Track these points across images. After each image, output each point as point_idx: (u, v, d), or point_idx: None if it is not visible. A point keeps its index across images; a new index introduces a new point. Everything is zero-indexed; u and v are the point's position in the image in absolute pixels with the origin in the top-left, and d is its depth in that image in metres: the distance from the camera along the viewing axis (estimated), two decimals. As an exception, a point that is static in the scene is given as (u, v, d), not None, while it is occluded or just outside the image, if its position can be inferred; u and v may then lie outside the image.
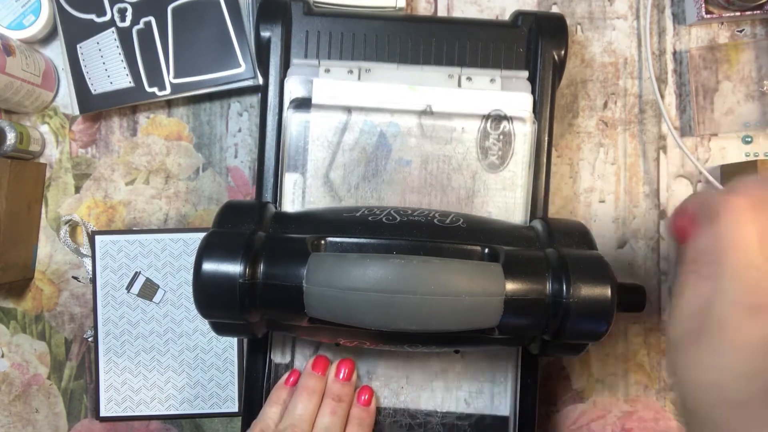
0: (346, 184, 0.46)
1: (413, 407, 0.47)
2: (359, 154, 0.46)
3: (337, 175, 0.46)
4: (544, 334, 0.39)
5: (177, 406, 0.55)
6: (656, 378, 0.56)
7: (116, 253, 0.55)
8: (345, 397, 0.46)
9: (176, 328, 0.55)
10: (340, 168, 0.46)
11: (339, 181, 0.46)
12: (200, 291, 0.37)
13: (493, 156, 0.46)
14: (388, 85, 0.46)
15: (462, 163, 0.46)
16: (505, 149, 0.46)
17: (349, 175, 0.46)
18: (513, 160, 0.46)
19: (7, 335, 0.56)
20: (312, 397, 0.45)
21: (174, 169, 0.57)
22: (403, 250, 0.39)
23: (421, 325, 0.36)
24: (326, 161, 0.46)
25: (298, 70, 0.47)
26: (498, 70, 0.48)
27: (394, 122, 0.46)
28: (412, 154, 0.46)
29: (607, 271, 0.38)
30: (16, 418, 0.56)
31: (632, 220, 0.57)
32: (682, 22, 0.57)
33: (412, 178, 0.46)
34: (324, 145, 0.46)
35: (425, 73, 0.47)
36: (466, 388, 0.47)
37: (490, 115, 0.46)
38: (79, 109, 0.54)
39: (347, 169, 0.46)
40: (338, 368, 0.47)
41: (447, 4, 0.58)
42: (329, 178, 0.46)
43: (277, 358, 0.48)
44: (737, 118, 0.56)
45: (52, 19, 0.54)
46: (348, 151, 0.46)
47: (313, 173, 0.46)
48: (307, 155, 0.46)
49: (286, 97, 0.46)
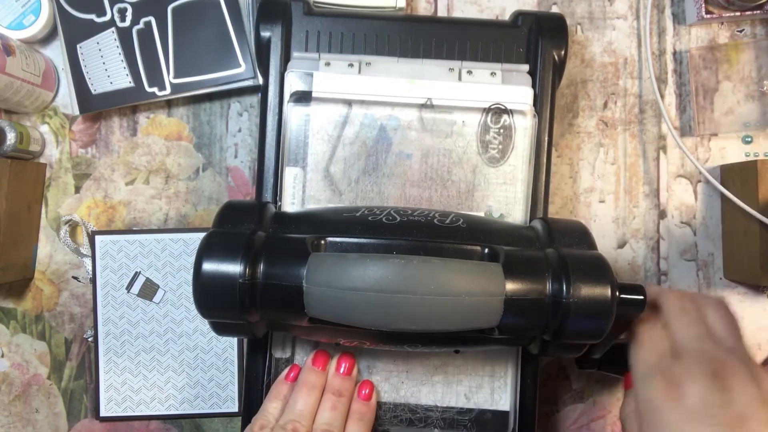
0: (347, 177, 0.46)
1: (413, 402, 0.47)
2: (359, 147, 0.46)
3: (338, 168, 0.46)
4: (544, 334, 0.39)
5: (177, 406, 0.55)
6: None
7: (116, 253, 0.55)
8: (345, 391, 0.46)
9: (176, 328, 0.55)
10: (341, 162, 0.46)
11: (339, 174, 0.46)
12: (200, 291, 0.37)
13: (494, 150, 0.46)
14: (388, 79, 0.46)
15: (462, 156, 0.46)
16: (506, 143, 0.46)
17: (350, 168, 0.46)
18: (513, 154, 0.46)
19: (7, 335, 0.56)
20: (312, 392, 0.45)
21: (174, 169, 0.57)
22: (403, 250, 0.39)
23: (421, 325, 0.36)
24: (326, 155, 0.46)
25: (298, 63, 0.47)
26: (499, 64, 0.48)
27: (394, 116, 0.46)
28: (412, 148, 0.46)
29: (607, 271, 0.38)
30: (16, 418, 0.56)
31: (632, 220, 0.57)
32: (682, 22, 0.57)
33: (412, 171, 0.46)
34: (324, 139, 0.46)
35: (426, 66, 0.47)
36: (466, 383, 0.47)
37: (491, 109, 0.46)
38: (79, 109, 0.54)
39: (347, 163, 0.46)
40: (338, 363, 0.47)
41: (447, 4, 0.58)
42: (329, 171, 0.46)
43: (277, 353, 0.48)
44: (737, 118, 0.56)
45: (52, 19, 0.54)
46: (348, 144, 0.46)
47: (314, 167, 0.46)
48: (307, 149, 0.46)
49: (287, 91, 0.46)
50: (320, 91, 0.46)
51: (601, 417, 0.57)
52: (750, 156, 0.57)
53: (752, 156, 0.57)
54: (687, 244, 0.57)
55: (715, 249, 0.57)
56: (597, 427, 0.57)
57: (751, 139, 0.57)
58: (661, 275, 0.57)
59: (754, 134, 0.57)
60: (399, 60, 0.48)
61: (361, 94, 0.46)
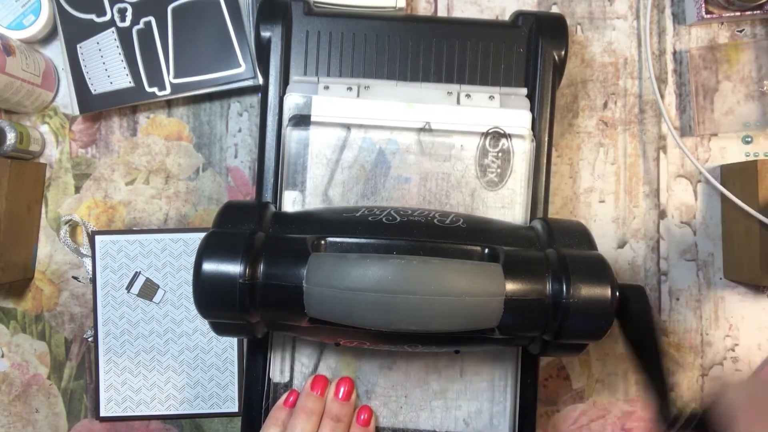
0: (345, 201, 0.46)
1: (412, 427, 0.47)
2: (358, 171, 0.46)
3: (336, 192, 0.46)
4: (544, 334, 0.39)
5: (177, 406, 0.55)
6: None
7: (116, 253, 0.55)
8: (344, 417, 0.45)
9: (176, 328, 0.55)
10: (339, 185, 0.46)
11: (338, 198, 0.46)
12: (200, 291, 0.37)
13: (492, 173, 0.46)
14: (386, 103, 0.46)
15: (461, 180, 0.46)
16: (504, 167, 0.46)
17: (348, 192, 0.46)
18: (512, 178, 0.46)
19: (7, 335, 0.56)
20: (311, 417, 0.44)
21: (174, 169, 0.57)
22: (403, 251, 0.39)
23: (421, 326, 0.36)
24: (325, 179, 0.46)
25: (297, 87, 0.47)
26: (497, 87, 0.48)
27: (393, 139, 0.46)
28: (411, 171, 0.46)
29: (607, 271, 0.38)
30: (16, 418, 0.56)
31: (632, 220, 0.57)
32: (682, 22, 0.57)
33: (411, 195, 0.46)
34: (323, 163, 0.46)
35: (424, 90, 0.47)
36: (465, 408, 0.47)
37: (489, 133, 0.46)
38: (79, 109, 0.54)
39: (346, 187, 0.46)
40: (337, 387, 0.46)
41: (447, 4, 0.58)
42: (328, 195, 0.46)
43: (276, 377, 0.48)
44: (737, 118, 0.56)
45: (52, 19, 0.54)
46: (347, 168, 0.46)
47: (312, 191, 0.46)
48: (306, 173, 0.46)
49: (285, 114, 0.46)
50: (319, 115, 0.46)
51: (601, 417, 0.57)
52: (750, 156, 0.57)
53: (752, 156, 0.57)
54: (687, 244, 0.57)
55: (715, 249, 0.57)
56: (597, 427, 0.57)
57: (751, 139, 0.57)
58: (661, 275, 0.57)
59: (754, 134, 0.57)
60: (398, 84, 0.48)
61: (359, 118, 0.46)
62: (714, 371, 0.57)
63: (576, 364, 0.57)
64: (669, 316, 0.57)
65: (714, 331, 0.57)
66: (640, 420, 0.57)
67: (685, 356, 0.57)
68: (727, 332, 0.57)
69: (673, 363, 0.57)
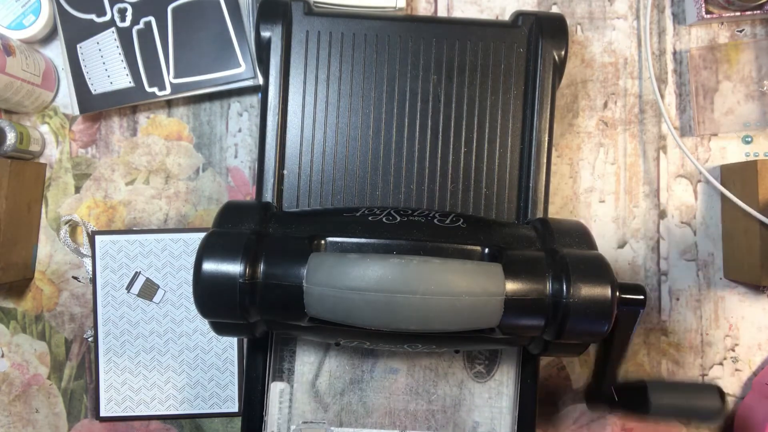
0: (332, 390, 0.47)
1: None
2: (346, 362, 0.47)
3: (323, 381, 0.47)
4: (544, 334, 0.39)
5: (177, 406, 0.55)
6: (656, 378, 0.56)
7: (116, 253, 0.55)
8: None
9: (176, 328, 0.55)
10: (326, 374, 0.47)
11: (324, 388, 0.47)
12: (200, 291, 0.37)
13: (480, 365, 0.47)
14: None
15: (448, 371, 0.47)
16: (492, 358, 0.47)
17: (336, 381, 0.47)
18: (500, 370, 0.47)
19: (7, 335, 0.56)
20: None
21: (174, 169, 0.57)
22: (403, 250, 0.39)
23: (421, 325, 0.36)
24: (313, 368, 0.47)
25: None
26: None
27: None
28: (399, 363, 0.47)
29: (607, 271, 0.38)
30: (16, 418, 0.56)
31: (632, 220, 0.57)
32: (682, 22, 0.57)
33: (398, 385, 0.47)
34: (311, 351, 0.47)
35: None
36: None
37: None
38: (79, 109, 0.54)
39: (333, 376, 0.47)
40: None
41: (447, 4, 0.58)
42: (315, 385, 0.47)
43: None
44: (737, 118, 0.56)
45: (52, 19, 0.54)
46: (335, 358, 0.47)
47: (300, 380, 0.47)
48: (294, 364, 0.47)
49: None
50: None
51: (601, 417, 0.57)
52: (750, 156, 0.57)
53: (752, 156, 0.57)
54: (687, 244, 0.57)
55: (715, 249, 0.57)
56: (597, 427, 0.57)
57: (751, 139, 0.57)
58: (661, 275, 0.57)
59: (754, 134, 0.57)
60: None
61: None
62: (714, 371, 0.57)
63: (576, 364, 0.57)
64: (669, 316, 0.57)
65: (714, 331, 0.57)
66: (641, 420, 0.57)
67: (685, 356, 0.57)
68: (727, 332, 0.57)
69: (673, 363, 0.57)
